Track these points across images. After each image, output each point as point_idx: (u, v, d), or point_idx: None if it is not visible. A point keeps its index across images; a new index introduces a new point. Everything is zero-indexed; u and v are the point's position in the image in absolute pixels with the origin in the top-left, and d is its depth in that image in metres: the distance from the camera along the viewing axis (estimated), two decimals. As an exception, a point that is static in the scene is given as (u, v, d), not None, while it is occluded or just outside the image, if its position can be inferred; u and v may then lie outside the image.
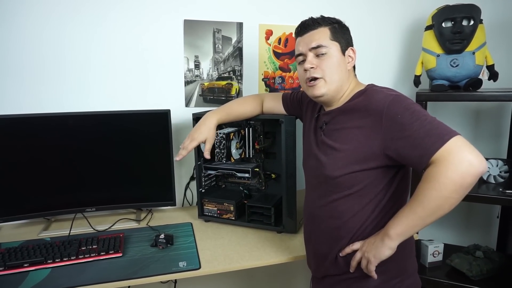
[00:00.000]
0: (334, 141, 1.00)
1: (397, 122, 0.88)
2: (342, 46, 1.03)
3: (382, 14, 1.84)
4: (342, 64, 1.02)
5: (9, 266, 1.15)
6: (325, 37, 1.01)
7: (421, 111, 0.88)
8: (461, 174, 0.79)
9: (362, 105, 0.96)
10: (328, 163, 1.00)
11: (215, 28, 1.66)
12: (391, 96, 0.92)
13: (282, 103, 1.35)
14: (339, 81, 1.02)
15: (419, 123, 0.85)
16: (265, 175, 1.55)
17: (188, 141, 1.26)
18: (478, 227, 2.05)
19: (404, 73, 1.91)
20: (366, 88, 1.02)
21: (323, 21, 1.03)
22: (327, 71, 1.01)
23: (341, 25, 1.06)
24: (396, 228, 0.88)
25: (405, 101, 0.91)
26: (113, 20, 1.55)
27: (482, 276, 1.61)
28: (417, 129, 0.85)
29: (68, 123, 1.44)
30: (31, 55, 1.49)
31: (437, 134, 0.83)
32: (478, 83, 1.54)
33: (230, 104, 1.39)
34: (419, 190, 0.85)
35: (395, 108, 0.89)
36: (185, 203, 1.77)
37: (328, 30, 1.02)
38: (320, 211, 1.05)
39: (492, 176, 1.68)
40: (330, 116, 1.05)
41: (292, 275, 2.03)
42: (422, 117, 0.86)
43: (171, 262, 1.21)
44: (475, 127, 1.97)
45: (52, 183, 1.46)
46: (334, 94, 1.03)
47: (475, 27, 1.52)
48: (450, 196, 0.81)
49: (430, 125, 0.84)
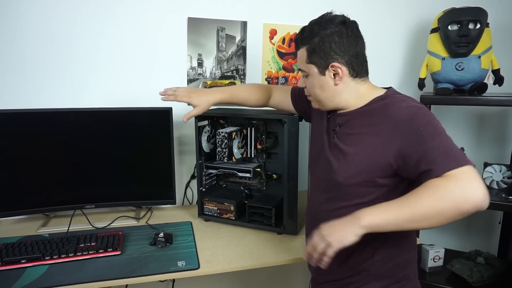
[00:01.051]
0: (348, 146, 0.96)
1: (418, 134, 0.85)
2: (319, 67, 0.96)
3: (387, 16, 1.83)
4: (324, 84, 0.98)
5: (6, 262, 1.14)
6: (302, 61, 0.99)
7: (442, 130, 0.86)
8: (465, 198, 0.77)
9: (381, 111, 0.93)
10: (340, 169, 0.96)
11: (219, 26, 1.65)
12: (414, 108, 0.89)
13: (290, 97, 1.30)
14: (327, 99, 1.00)
15: (439, 140, 0.83)
16: (266, 175, 1.54)
17: (183, 92, 1.27)
18: (480, 233, 2.04)
19: (409, 76, 1.90)
20: (388, 94, 0.97)
21: (302, 40, 0.98)
22: (312, 92, 1.02)
23: (320, 39, 0.94)
24: (374, 217, 0.80)
25: (429, 115, 0.88)
26: (117, 17, 1.54)
27: (483, 282, 1.60)
28: (437, 145, 0.82)
29: (69, 119, 1.43)
30: (34, 51, 1.48)
31: (455, 156, 0.80)
32: (483, 88, 1.53)
33: (238, 87, 1.38)
34: (415, 193, 0.81)
35: (418, 120, 0.86)
36: (185, 202, 1.76)
37: (305, 51, 0.97)
38: (327, 216, 0.97)
39: (495, 181, 1.67)
40: (344, 118, 1.00)
41: (291, 276, 2.01)
42: (444, 136, 0.84)
43: (170, 261, 1.20)
44: (479, 131, 1.96)
45: (51, 179, 1.45)
46: (333, 106, 1.01)
47: (481, 31, 1.51)
48: (442, 212, 0.78)
49: (450, 145, 0.83)
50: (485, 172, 1.70)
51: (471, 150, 1.90)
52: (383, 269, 0.97)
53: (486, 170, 1.69)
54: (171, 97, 1.26)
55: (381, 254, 0.97)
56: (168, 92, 1.26)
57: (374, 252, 0.97)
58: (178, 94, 1.26)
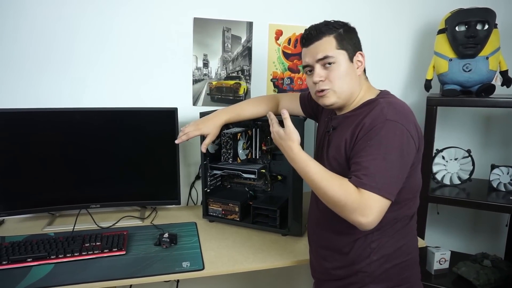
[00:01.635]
0: (333, 147, 1.00)
1: (363, 144, 0.89)
2: (349, 53, 0.98)
3: (393, 16, 1.81)
4: (351, 71, 0.99)
5: (12, 260, 1.15)
6: (330, 47, 0.97)
7: (389, 152, 0.86)
8: (353, 213, 0.84)
9: (362, 116, 0.94)
10: (330, 170, 0.98)
11: (225, 27, 1.65)
12: (382, 119, 0.89)
13: (299, 103, 1.32)
14: (349, 89, 0.99)
15: (377, 161, 0.86)
16: (271, 176, 1.53)
17: (192, 128, 1.29)
18: (486, 235, 2.02)
19: (415, 77, 1.89)
20: (376, 99, 0.98)
21: (327, 29, 0.98)
22: (336, 82, 0.98)
23: (347, 28, 1.00)
24: (302, 153, 0.95)
25: (391, 131, 0.88)
26: (122, 18, 1.54)
27: (490, 285, 1.58)
28: (365, 160, 0.87)
29: (75, 118, 1.44)
30: (39, 50, 1.49)
31: (376, 181, 0.84)
32: (490, 89, 1.51)
33: (243, 104, 1.37)
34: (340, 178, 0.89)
35: (375, 132, 0.88)
36: (189, 203, 1.76)
37: (333, 38, 0.97)
38: (327, 216, 1.02)
39: (502, 183, 1.66)
40: (337, 121, 1.04)
41: (295, 277, 2.01)
42: (381, 158, 0.86)
43: (174, 262, 1.20)
44: (486, 133, 1.94)
45: (57, 178, 1.46)
46: (345, 101, 1.01)
47: (489, 32, 1.49)
48: (334, 204, 0.88)
49: (380, 170, 0.85)
50: (492, 174, 1.68)
51: (478, 152, 1.88)
52: (380, 271, 0.97)
53: (493, 172, 1.68)
54: (184, 137, 1.29)
55: (378, 254, 0.97)
56: (180, 135, 1.30)
57: (370, 252, 0.97)
58: (188, 132, 1.29)
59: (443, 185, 1.72)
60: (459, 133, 1.93)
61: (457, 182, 1.71)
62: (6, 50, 1.45)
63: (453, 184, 1.71)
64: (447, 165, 1.71)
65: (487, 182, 1.72)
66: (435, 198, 1.61)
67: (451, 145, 1.73)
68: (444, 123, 1.91)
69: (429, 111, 1.58)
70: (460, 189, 1.70)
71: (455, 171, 1.71)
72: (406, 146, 0.88)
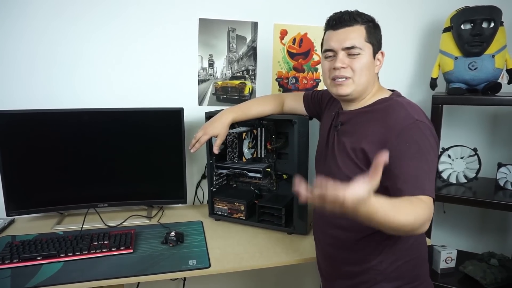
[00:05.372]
0: (346, 143, 0.99)
1: (402, 149, 0.87)
2: (374, 48, 0.99)
3: (398, 15, 1.81)
4: (371, 67, 0.99)
5: (23, 258, 1.17)
6: (360, 38, 0.96)
7: (428, 152, 0.86)
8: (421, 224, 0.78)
9: (381, 115, 0.95)
10: (340, 165, 0.99)
11: (230, 27, 1.66)
12: (412, 119, 0.89)
13: (303, 102, 1.34)
14: (366, 83, 0.99)
15: (417, 163, 0.85)
16: (276, 175, 1.54)
17: (201, 133, 1.31)
18: (493, 234, 2.01)
19: (420, 75, 1.88)
20: (391, 97, 0.99)
21: (360, 18, 0.97)
22: (357, 72, 0.97)
23: (376, 24, 1.01)
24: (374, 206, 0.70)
25: (422, 131, 0.88)
26: (128, 18, 1.56)
27: (497, 284, 1.57)
28: (412, 167, 0.85)
29: (83, 119, 1.46)
30: (46, 50, 1.51)
31: (422, 183, 0.83)
32: (497, 87, 1.50)
33: (248, 103, 1.39)
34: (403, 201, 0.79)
35: (408, 134, 0.88)
36: (196, 202, 1.78)
37: (364, 29, 0.97)
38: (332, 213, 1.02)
39: (509, 182, 1.64)
40: (347, 116, 1.03)
41: (301, 276, 2.01)
42: (424, 160, 0.85)
43: (181, 260, 1.21)
44: (492, 131, 1.92)
45: (66, 178, 1.48)
46: (359, 95, 1.01)
47: (495, 30, 1.48)
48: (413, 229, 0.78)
49: (422, 172, 0.84)
50: (499, 173, 1.67)
51: (485, 151, 1.86)
52: (392, 268, 0.97)
53: (500, 171, 1.67)
54: (197, 144, 1.32)
55: (390, 251, 0.97)
56: (192, 143, 1.33)
57: (382, 250, 0.97)
58: (199, 138, 1.31)
59: (449, 184, 1.72)
60: (465, 131, 1.92)
61: (464, 181, 1.70)
62: (16, 51, 1.48)
63: (460, 183, 1.71)
64: (453, 163, 1.70)
65: (494, 180, 1.71)
66: (441, 196, 1.61)
67: (457, 143, 1.72)
68: (450, 121, 1.90)
69: (434, 109, 1.57)
70: (467, 187, 1.69)
71: (462, 169, 1.70)
72: (435, 144, 0.90)
